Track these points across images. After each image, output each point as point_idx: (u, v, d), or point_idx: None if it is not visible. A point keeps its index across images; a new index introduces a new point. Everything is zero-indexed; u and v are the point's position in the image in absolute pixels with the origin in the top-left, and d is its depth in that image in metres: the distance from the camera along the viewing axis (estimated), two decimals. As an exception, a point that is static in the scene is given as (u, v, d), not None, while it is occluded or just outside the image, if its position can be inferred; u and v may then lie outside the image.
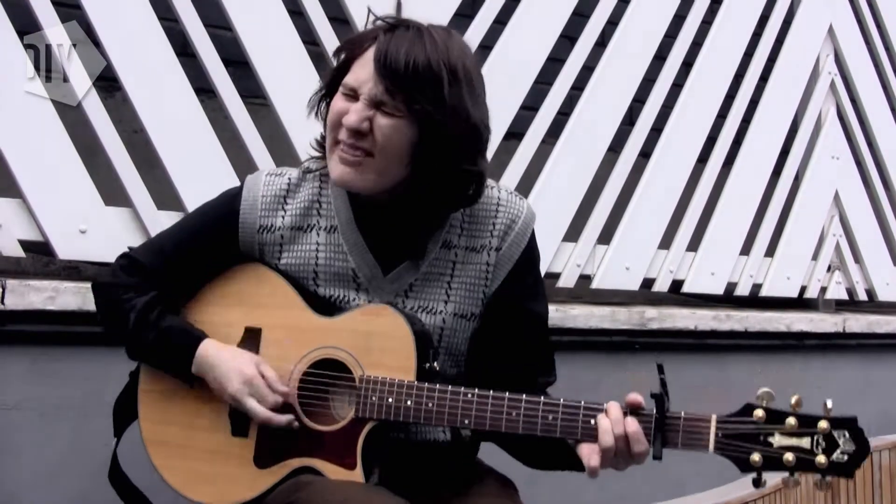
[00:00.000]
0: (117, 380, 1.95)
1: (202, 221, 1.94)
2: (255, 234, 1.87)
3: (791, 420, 1.62)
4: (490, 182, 1.88)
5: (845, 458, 1.60)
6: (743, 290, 3.86)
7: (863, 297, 4.24)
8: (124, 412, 1.94)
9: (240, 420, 1.83)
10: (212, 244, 1.89)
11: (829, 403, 1.62)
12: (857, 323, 4.02)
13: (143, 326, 1.84)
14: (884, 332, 4.11)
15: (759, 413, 1.63)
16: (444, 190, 1.79)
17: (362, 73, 1.75)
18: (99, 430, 1.96)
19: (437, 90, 1.72)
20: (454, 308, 1.84)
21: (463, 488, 1.86)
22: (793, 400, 1.63)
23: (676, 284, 3.68)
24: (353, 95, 1.75)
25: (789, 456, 1.61)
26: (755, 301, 3.91)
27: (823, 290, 4.12)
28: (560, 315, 3.17)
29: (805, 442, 1.61)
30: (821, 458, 1.60)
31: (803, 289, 4.06)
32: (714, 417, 1.65)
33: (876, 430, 3.54)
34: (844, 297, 4.19)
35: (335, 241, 1.85)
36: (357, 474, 1.74)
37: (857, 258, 4.23)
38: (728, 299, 3.89)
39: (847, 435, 1.61)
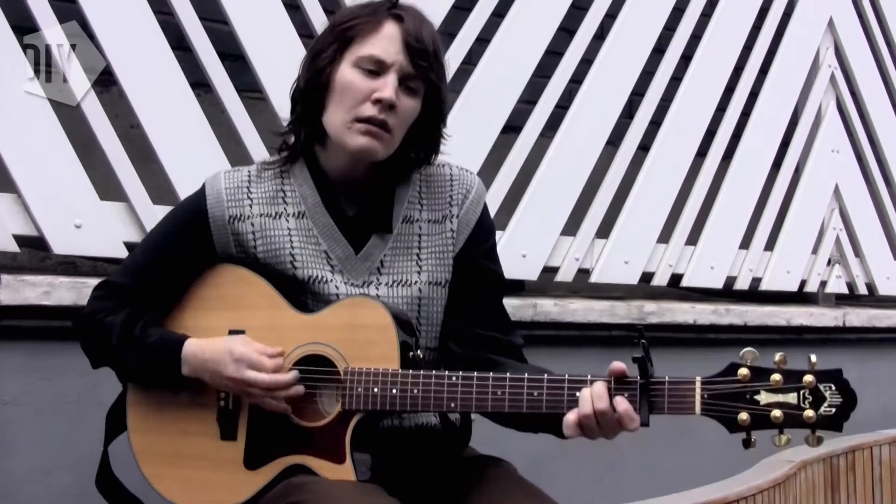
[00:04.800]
0: (113, 375, 1.94)
1: (171, 229, 1.93)
2: (227, 226, 1.86)
3: (776, 376, 1.60)
4: (440, 160, 1.97)
5: (833, 410, 1.58)
6: (742, 284, 3.86)
7: (863, 291, 4.24)
8: (116, 421, 1.93)
9: (228, 423, 1.82)
10: (185, 249, 1.88)
11: (814, 358, 1.61)
12: (858, 317, 4.01)
13: (127, 344, 1.83)
14: (884, 326, 4.11)
15: (743, 371, 1.61)
16: (419, 152, 1.91)
17: (389, 47, 1.80)
18: (94, 426, 1.95)
19: (442, 70, 1.88)
20: (427, 277, 1.87)
21: (463, 476, 1.85)
22: (777, 357, 1.62)
23: (676, 278, 3.68)
24: (376, 70, 1.80)
25: (777, 413, 1.59)
26: (755, 295, 3.91)
27: (823, 284, 4.12)
28: (559, 309, 3.16)
29: (791, 397, 1.59)
30: (808, 413, 1.58)
31: (803, 283, 4.06)
32: (699, 379, 1.64)
33: (876, 424, 3.52)
34: (845, 291, 4.19)
35: (305, 226, 1.86)
36: (347, 468, 1.73)
37: (858, 252, 4.23)
38: (728, 293, 3.88)
39: (833, 388, 1.59)
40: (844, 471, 3.18)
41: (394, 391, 1.73)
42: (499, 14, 3.30)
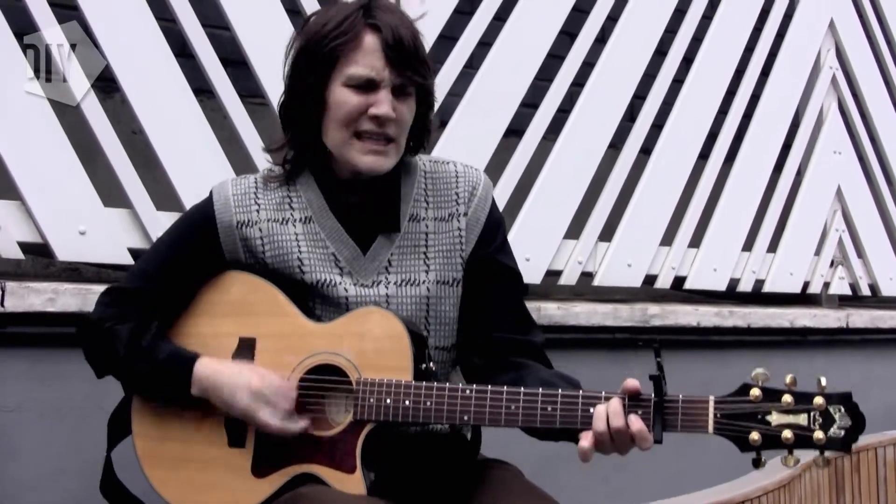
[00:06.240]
0: (117, 382, 1.94)
1: (180, 236, 1.92)
2: (234, 232, 1.86)
3: (787, 398, 1.63)
4: (443, 158, 1.97)
5: (842, 433, 1.61)
6: (745, 286, 3.86)
7: (866, 292, 4.24)
8: (118, 427, 1.93)
9: (236, 430, 1.82)
10: (193, 256, 1.88)
11: (824, 381, 1.64)
12: (861, 318, 4.01)
13: (135, 356, 1.82)
14: (887, 327, 4.10)
15: (755, 392, 1.64)
16: (415, 142, 1.91)
17: (374, 62, 1.78)
18: (99, 432, 1.95)
19: (426, 65, 1.84)
20: (435, 276, 1.87)
21: (469, 479, 1.86)
22: (787, 379, 1.64)
23: (679, 281, 3.67)
24: (367, 86, 1.79)
25: (787, 433, 1.62)
26: (758, 297, 3.91)
27: (826, 285, 4.12)
28: (562, 313, 3.16)
29: (802, 419, 1.62)
30: (818, 434, 1.61)
31: (806, 284, 4.05)
32: (712, 399, 1.66)
33: (880, 425, 3.52)
34: (848, 292, 4.19)
35: (312, 231, 1.86)
36: (357, 478, 1.73)
37: (860, 253, 4.22)
38: (731, 295, 3.88)
39: (843, 410, 1.62)
40: (849, 472, 3.18)
41: (406, 403, 1.73)
42: (500, 18, 3.30)
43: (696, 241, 3.71)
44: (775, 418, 1.63)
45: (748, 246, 3.87)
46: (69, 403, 2.39)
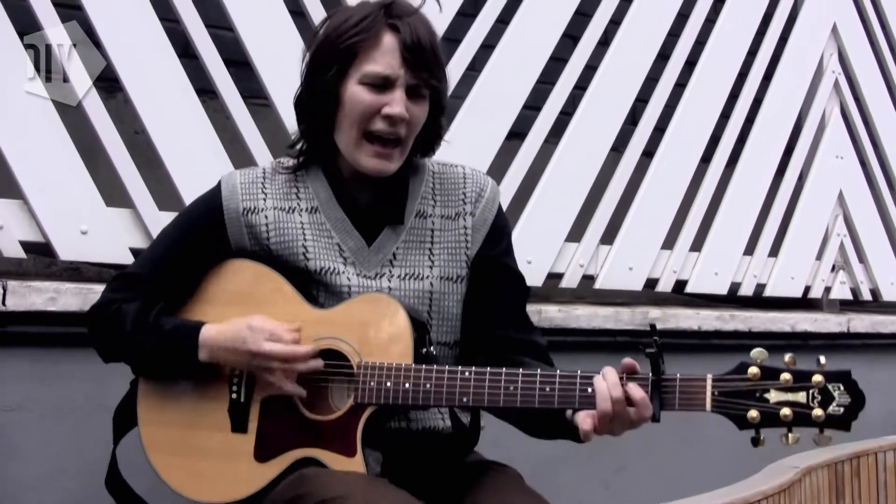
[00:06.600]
0: (118, 381, 1.95)
1: (188, 224, 1.95)
2: (241, 218, 1.89)
3: (786, 375, 1.63)
4: (450, 161, 2.01)
5: (841, 410, 1.61)
6: (747, 290, 3.86)
7: (867, 297, 4.23)
8: (124, 420, 1.94)
9: (239, 416, 1.83)
10: (200, 243, 1.91)
11: (823, 359, 1.64)
12: (862, 323, 4.01)
13: (142, 331, 1.84)
14: (888, 332, 4.10)
15: (753, 370, 1.64)
16: (425, 145, 1.94)
17: (391, 61, 1.81)
18: (100, 432, 1.96)
19: (442, 68, 1.88)
20: (439, 272, 1.89)
21: (467, 479, 1.86)
22: (786, 357, 1.64)
23: (680, 284, 3.67)
24: (383, 85, 1.81)
25: (786, 411, 1.61)
26: (759, 301, 3.91)
27: (828, 290, 4.12)
28: (563, 315, 3.16)
29: (801, 396, 1.62)
30: (817, 412, 1.61)
31: (807, 289, 4.05)
32: (710, 377, 1.67)
33: (881, 430, 3.52)
34: (849, 297, 4.19)
35: (318, 221, 1.89)
36: (357, 461, 1.75)
37: (862, 258, 4.22)
38: (732, 299, 3.88)
39: (842, 388, 1.62)
40: (849, 476, 3.18)
41: (406, 385, 1.74)
42: (503, 21, 3.30)
43: (697, 245, 3.71)
44: (774, 396, 1.63)
45: (749, 250, 3.86)
46: (69, 403, 2.40)
